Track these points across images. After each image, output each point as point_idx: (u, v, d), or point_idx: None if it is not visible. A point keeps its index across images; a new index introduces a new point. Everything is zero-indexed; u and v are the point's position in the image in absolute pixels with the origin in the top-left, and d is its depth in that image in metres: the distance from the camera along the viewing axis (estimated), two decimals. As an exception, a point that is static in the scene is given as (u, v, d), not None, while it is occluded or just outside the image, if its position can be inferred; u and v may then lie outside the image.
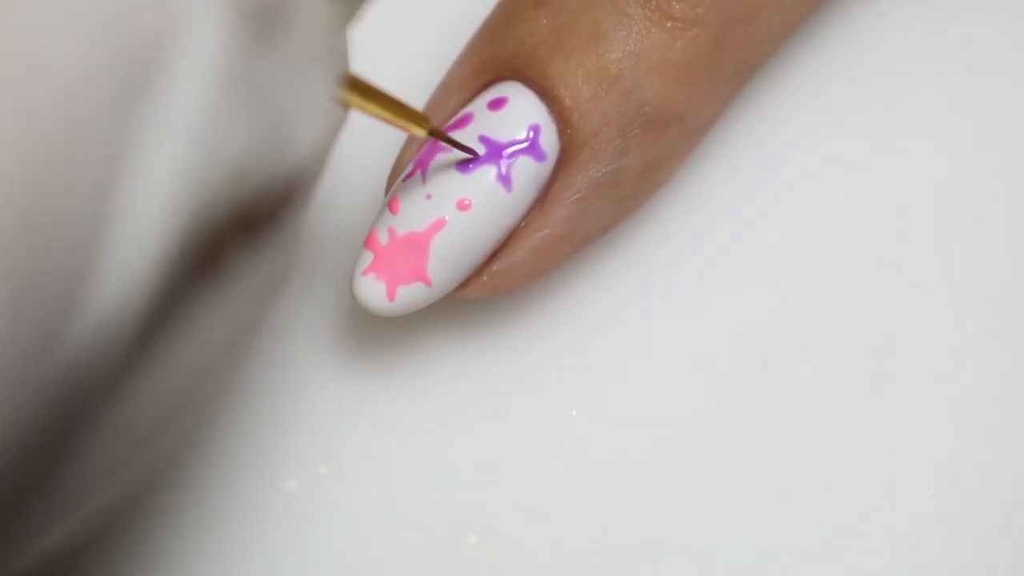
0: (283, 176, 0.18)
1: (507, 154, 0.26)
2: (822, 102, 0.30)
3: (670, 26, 0.26)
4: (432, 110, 0.27)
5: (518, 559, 0.28)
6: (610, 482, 0.28)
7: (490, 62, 0.26)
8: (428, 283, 0.26)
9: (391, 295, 0.26)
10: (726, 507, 0.28)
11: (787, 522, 0.28)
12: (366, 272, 0.26)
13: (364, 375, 0.29)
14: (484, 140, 0.26)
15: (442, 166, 0.26)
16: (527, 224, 0.26)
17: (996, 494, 0.28)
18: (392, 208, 0.26)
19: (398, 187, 0.26)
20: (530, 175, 0.26)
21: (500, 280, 0.26)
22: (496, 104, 0.26)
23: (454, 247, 0.25)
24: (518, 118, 0.26)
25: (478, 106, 0.26)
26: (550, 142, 0.26)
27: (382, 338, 0.29)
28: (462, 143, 0.25)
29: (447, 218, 0.25)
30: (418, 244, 0.25)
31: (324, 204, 0.30)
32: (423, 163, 0.26)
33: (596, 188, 0.26)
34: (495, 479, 0.28)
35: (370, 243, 0.26)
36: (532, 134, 0.26)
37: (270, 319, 0.29)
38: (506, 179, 0.25)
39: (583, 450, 0.29)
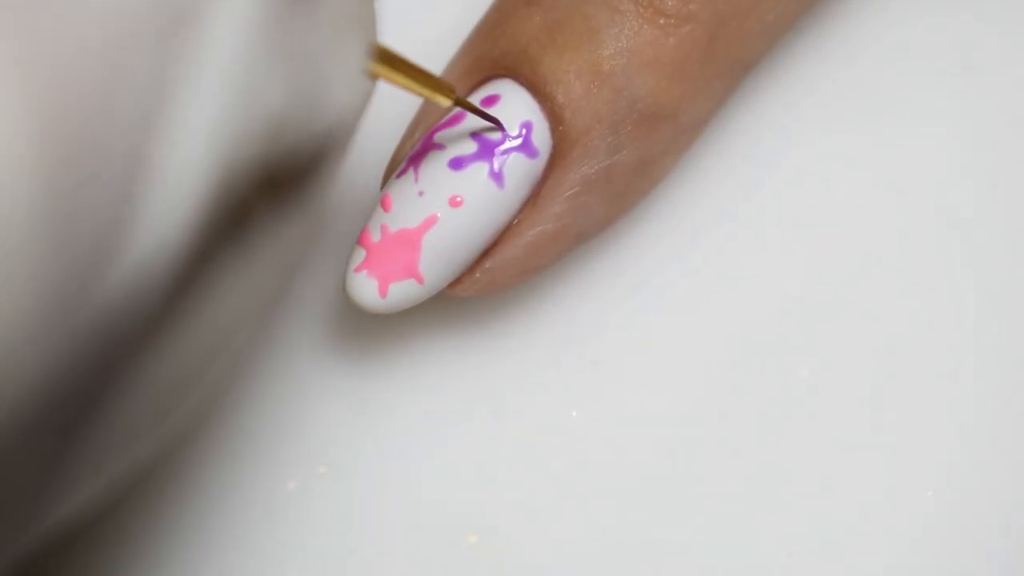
0: (313, 139, 0.18)
1: (499, 151, 0.26)
2: (819, 100, 0.30)
3: (663, 22, 0.26)
4: (427, 107, 0.27)
5: (518, 559, 0.28)
6: (610, 482, 0.28)
7: (483, 60, 0.26)
8: (420, 280, 0.26)
9: (383, 292, 0.26)
10: (726, 507, 0.28)
11: (787, 522, 0.28)
12: (358, 269, 0.26)
13: (364, 375, 0.29)
14: (476, 137, 0.26)
15: (434, 163, 0.26)
16: (520, 221, 0.26)
17: (996, 494, 0.28)
18: (384, 205, 0.26)
19: (391, 184, 0.26)
20: (522, 172, 0.26)
21: (493, 277, 0.26)
22: (488, 102, 0.26)
23: (446, 244, 0.25)
24: (510, 115, 0.26)
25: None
26: (542, 139, 0.26)
27: (383, 338, 0.29)
28: (488, 114, 0.25)
29: (439, 215, 0.25)
30: (410, 241, 0.25)
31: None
32: (416, 160, 0.26)
33: (589, 185, 0.26)
34: (495, 479, 0.28)
35: (363, 240, 0.26)
36: (524, 131, 0.26)
37: (270, 320, 0.29)
38: (498, 176, 0.26)
39: (583, 450, 0.29)
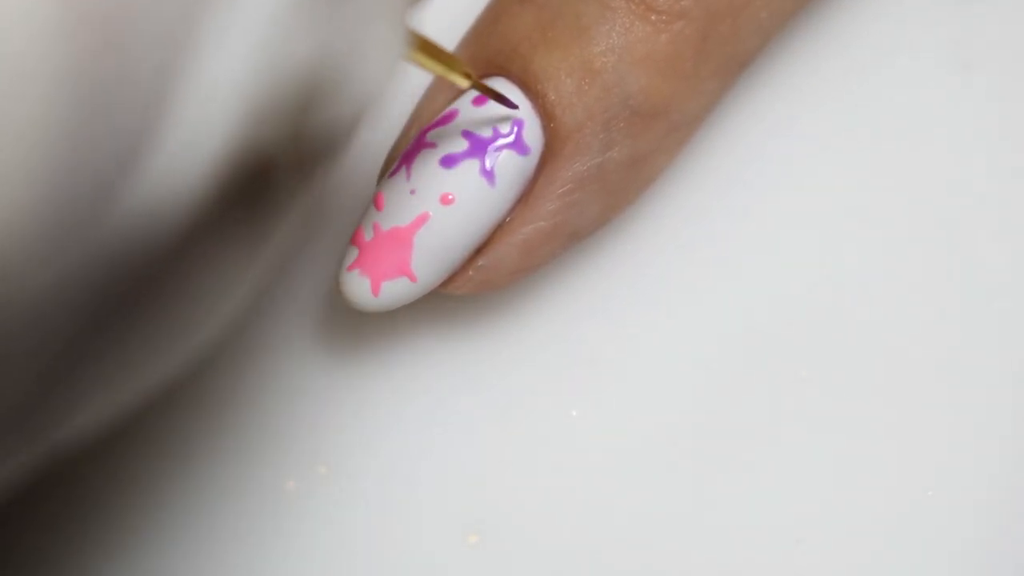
0: (339, 107, 0.18)
1: (491, 149, 0.26)
2: (817, 99, 0.30)
3: (654, 19, 0.26)
4: (421, 106, 0.27)
5: (518, 559, 0.28)
6: (610, 482, 0.28)
7: (476, 59, 0.26)
8: (412, 278, 0.26)
9: (375, 290, 0.26)
10: (726, 507, 0.28)
11: (787, 522, 0.28)
12: (351, 267, 0.26)
13: (364, 375, 0.29)
14: (467, 135, 0.26)
15: (426, 161, 0.26)
16: (512, 219, 0.26)
17: (996, 494, 0.27)
18: (377, 204, 0.26)
19: (383, 183, 0.26)
20: (514, 170, 0.26)
21: (486, 275, 0.26)
22: (480, 100, 0.26)
23: (438, 242, 0.25)
24: (502, 113, 0.26)
25: (463, 102, 0.26)
26: (534, 137, 0.26)
27: (383, 339, 0.29)
28: (502, 94, 0.25)
29: (431, 213, 0.25)
30: (402, 239, 0.26)
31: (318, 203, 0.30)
32: (408, 159, 0.26)
33: (581, 182, 0.26)
34: (495, 479, 0.28)
35: (356, 239, 0.26)
36: (516, 128, 0.26)
37: (271, 319, 0.29)
38: (489, 174, 0.26)
39: (583, 450, 0.29)
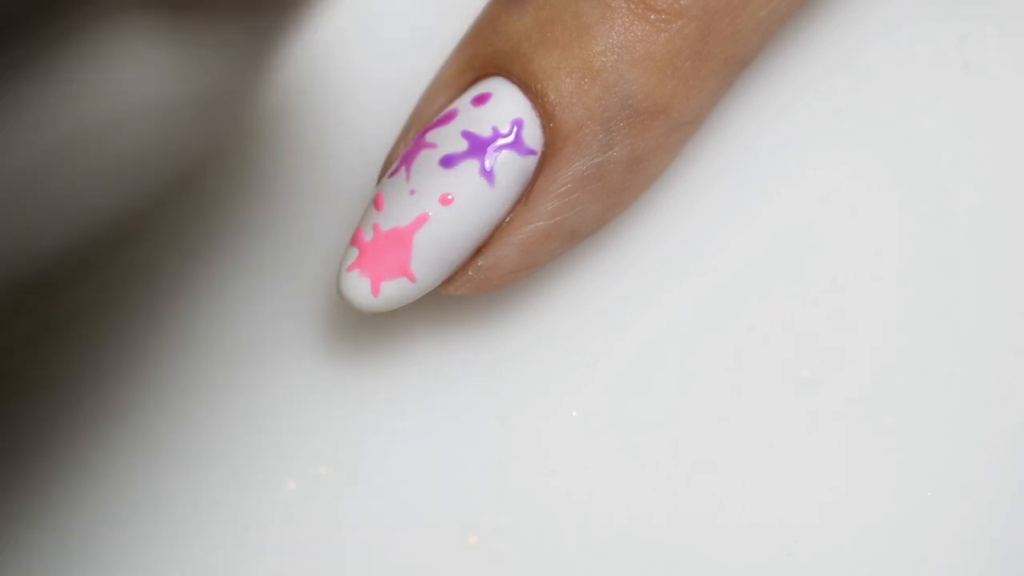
0: None
1: (490, 149, 0.26)
2: (818, 99, 0.30)
3: (653, 18, 0.26)
4: (421, 107, 0.27)
5: (518, 559, 0.28)
6: (610, 482, 0.28)
7: (476, 59, 0.26)
8: (412, 278, 0.26)
9: (375, 290, 0.26)
10: (727, 507, 0.28)
11: (787, 521, 0.28)
12: (351, 268, 0.26)
13: (364, 375, 0.29)
14: (467, 135, 0.26)
15: (426, 162, 0.26)
16: (512, 219, 0.26)
17: (996, 494, 0.27)
18: (377, 204, 0.26)
19: (383, 184, 0.26)
20: (514, 170, 0.26)
21: (486, 276, 0.26)
22: (480, 100, 0.26)
23: (438, 242, 0.25)
24: (501, 113, 0.26)
25: (463, 102, 0.26)
26: (534, 136, 0.26)
27: (383, 338, 0.29)
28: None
29: (430, 213, 0.25)
30: (402, 239, 0.26)
31: (319, 204, 0.30)
32: (408, 159, 0.26)
33: (581, 182, 0.26)
34: (495, 479, 0.28)
35: (355, 239, 0.26)
36: (515, 128, 0.26)
37: (271, 319, 0.29)
38: (489, 174, 0.26)
39: (583, 450, 0.29)
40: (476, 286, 0.26)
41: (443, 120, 0.26)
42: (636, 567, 0.28)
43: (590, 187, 0.26)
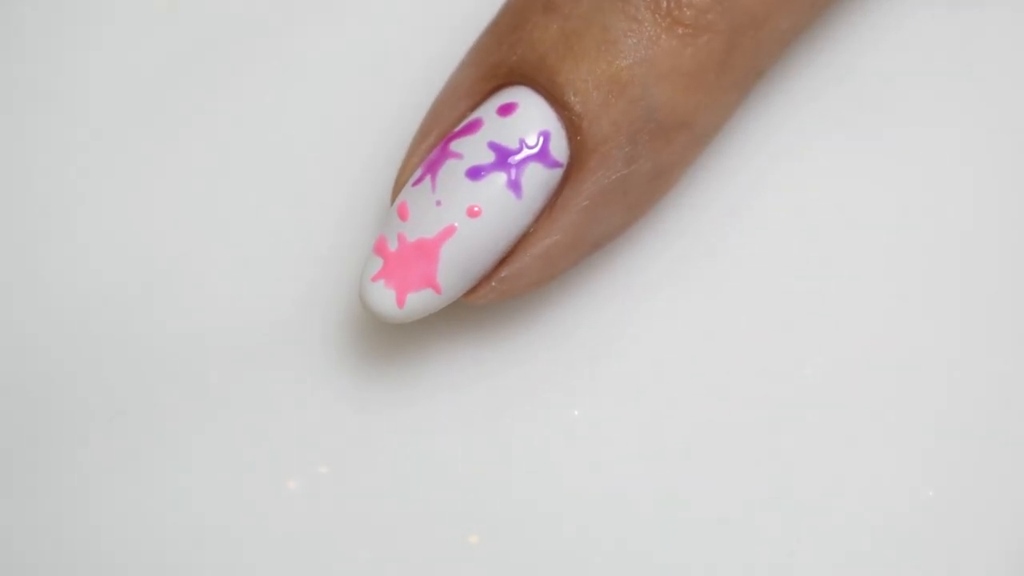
0: None
1: (517, 160, 0.25)
2: (822, 103, 0.30)
3: (680, 32, 0.26)
4: (440, 111, 0.27)
5: (518, 559, 0.28)
6: (611, 482, 0.29)
7: (500, 67, 0.26)
8: (438, 290, 0.25)
9: (401, 302, 0.25)
10: (727, 507, 0.28)
11: (788, 521, 0.28)
12: (375, 278, 0.26)
13: (364, 375, 0.29)
14: (494, 146, 0.25)
15: (452, 173, 0.25)
16: (536, 230, 0.26)
17: (996, 494, 0.28)
18: (401, 214, 0.26)
19: (407, 192, 0.26)
20: (540, 181, 0.26)
21: (508, 286, 0.26)
22: (505, 110, 0.26)
23: (464, 254, 0.25)
24: (528, 124, 0.26)
25: (487, 111, 0.26)
26: (560, 148, 0.26)
27: (382, 339, 0.29)
28: None
29: (457, 225, 0.25)
30: (428, 251, 0.25)
31: (325, 208, 0.30)
32: (432, 169, 0.26)
33: (605, 195, 0.26)
34: (495, 479, 0.28)
35: (379, 249, 0.26)
36: (542, 140, 0.26)
37: (271, 320, 0.29)
38: (516, 186, 0.25)
39: (583, 450, 0.29)
40: (498, 296, 0.26)
41: (468, 129, 0.26)
42: (637, 567, 0.28)
43: (614, 199, 0.26)
